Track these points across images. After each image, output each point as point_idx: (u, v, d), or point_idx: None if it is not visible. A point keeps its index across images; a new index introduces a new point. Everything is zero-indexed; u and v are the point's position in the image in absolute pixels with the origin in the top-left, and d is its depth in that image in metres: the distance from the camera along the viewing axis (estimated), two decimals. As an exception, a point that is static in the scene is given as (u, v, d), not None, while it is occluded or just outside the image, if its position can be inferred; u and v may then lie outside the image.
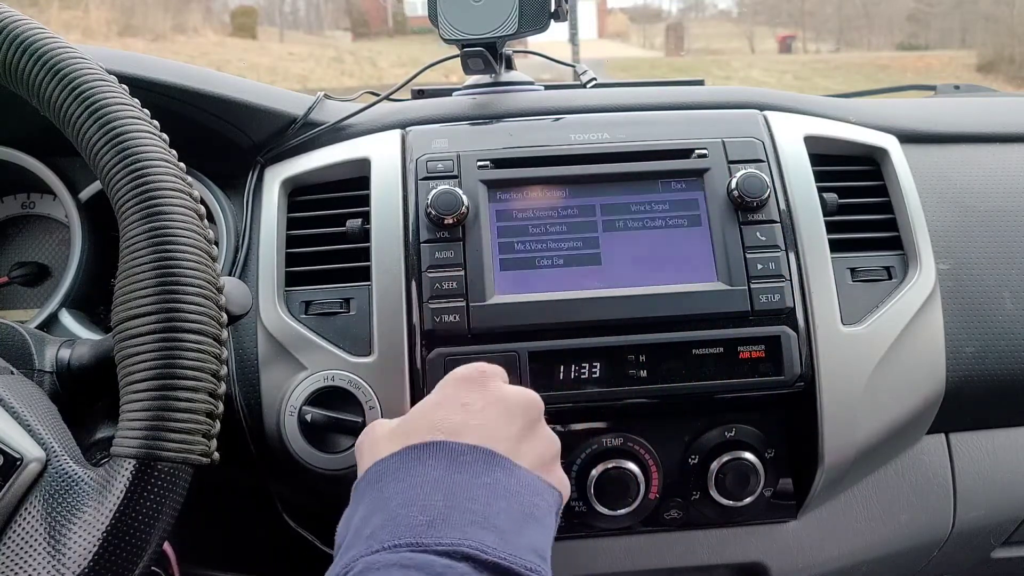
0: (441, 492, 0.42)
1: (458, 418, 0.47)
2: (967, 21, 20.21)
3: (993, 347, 0.70)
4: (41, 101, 0.45)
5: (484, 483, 0.43)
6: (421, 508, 0.41)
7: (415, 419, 0.49)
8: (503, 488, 0.44)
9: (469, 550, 0.39)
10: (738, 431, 0.66)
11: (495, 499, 0.43)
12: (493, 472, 0.44)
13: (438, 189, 0.64)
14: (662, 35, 27.43)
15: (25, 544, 0.39)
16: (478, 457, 0.45)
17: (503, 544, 0.40)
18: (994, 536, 0.75)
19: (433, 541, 0.39)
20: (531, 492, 0.45)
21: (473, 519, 0.41)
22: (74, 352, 0.50)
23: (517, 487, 0.44)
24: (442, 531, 0.40)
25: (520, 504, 0.44)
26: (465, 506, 0.42)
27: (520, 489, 0.44)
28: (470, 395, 0.49)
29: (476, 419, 0.47)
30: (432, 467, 0.44)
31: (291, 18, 28.95)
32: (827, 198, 0.69)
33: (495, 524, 0.41)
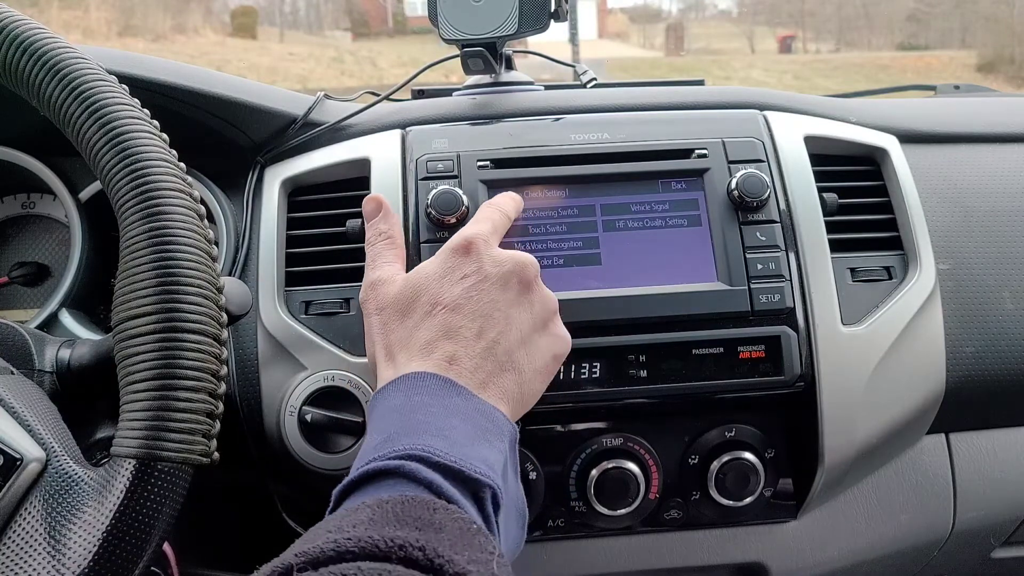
0: (398, 414, 0.45)
1: (456, 290, 0.51)
2: (967, 21, 20.21)
3: (993, 347, 0.70)
4: (41, 101, 0.45)
5: (441, 403, 0.46)
6: (380, 430, 0.45)
7: (417, 289, 0.52)
8: (458, 409, 0.46)
9: (421, 452, 0.42)
10: (738, 431, 0.66)
11: (448, 416, 0.45)
12: (451, 397, 0.47)
13: (438, 189, 0.64)
14: (662, 35, 27.43)
15: (25, 544, 0.39)
16: (439, 384, 0.47)
17: (453, 449, 0.43)
18: (994, 536, 0.75)
19: (389, 451, 0.42)
20: (486, 417, 0.47)
21: (426, 429, 0.44)
22: (74, 352, 0.50)
23: (472, 412, 0.47)
24: (397, 442, 0.43)
25: (473, 425, 0.46)
26: (419, 419, 0.45)
27: (474, 414, 0.47)
28: (467, 266, 0.52)
29: (473, 291, 0.51)
30: (393, 396, 0.47)
31: (291, 18, 28.96)
32: (827, 198, 0.69)
33: (446, 435, 0.44)
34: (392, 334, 0.52)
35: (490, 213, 0.59)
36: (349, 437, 0.62)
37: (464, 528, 0.38)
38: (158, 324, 0.41)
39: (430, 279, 0.52)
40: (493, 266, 0.52)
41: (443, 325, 0.50)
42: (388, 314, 0.52)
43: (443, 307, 0.51)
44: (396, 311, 0.52)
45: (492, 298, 0.51)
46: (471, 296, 0.51)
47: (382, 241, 0.58)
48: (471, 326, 0.50)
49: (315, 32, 27.23)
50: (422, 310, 0.51)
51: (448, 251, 0.54)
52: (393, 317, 0.52)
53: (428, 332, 0.50)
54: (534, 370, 0.52)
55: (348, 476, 0.43)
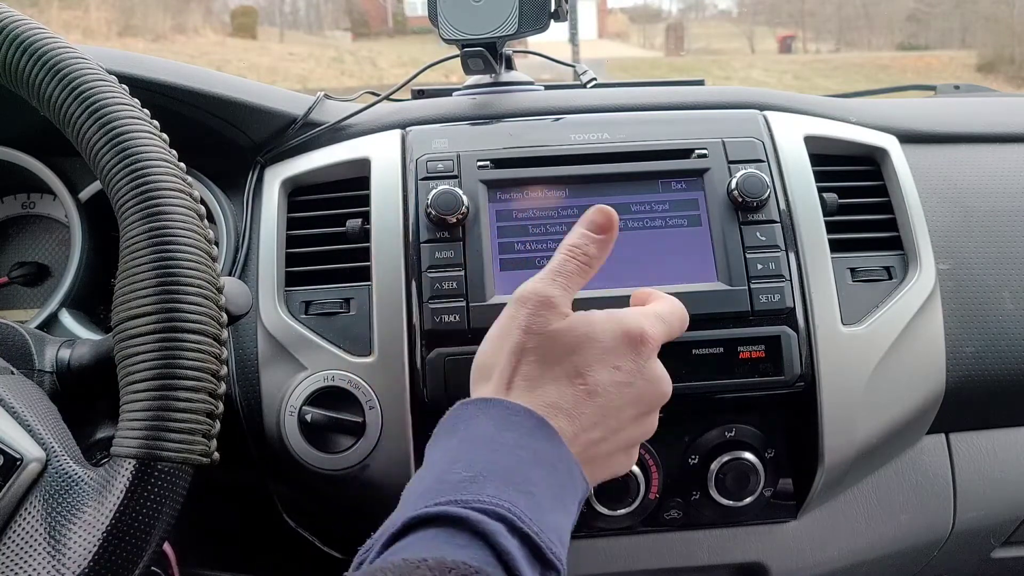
0: (487, 448, 0.43)
1: (603, 377, 0.48)
2: (967, 21, 20.21)
3: (993, 347, 0.70)
4: (41, 101, 0.45)
5: (531, 447, 0.44)
6: (463, 460, 0.42)
7: (578, 346, 0.48)
8: (544, 459, 0.44)
9: (505, 512, 0.39)
10: (738, 431, 0.66)
11: (535, 466, 0.43)
12: (539, 441, 0.44)
13: (438, 189, 0.64)
14: (662, 35, 27.42)
15: (25, 544, 0.39)
16: (529, 421, 0.45)
17: (536, 514, 0.41)
18: (994, 536, 0.75)
19: (473, 497, 0.40)
20: (568, 473, 0.45)
21: (511, 479, 0.41)
22: (74, 352, 0.50)
23: (557, 463, 0.45)
24: (483, 486, 0.40)
25: (556, 479, 0.44)
26: (506, 464, 0.42)
27: (559, 465, 0.45)
28: (625, 360, 0.49)
29: (614, 389, 0.48)
30: (483, 423, 0.45)
31: (291, 18, 28.95)
32: (827, 198, 0.69)
33: (531, 491, 0.42)
34: (525, 365, 0.48)
35: (672, 319, 0.53)
36: (349, 437, 0.62)
37: None
38: (158, 324, 0.41)
39: (593, 346, 0.48)
40: (645, 380, 0.49)
41: (572, 399, 0.47)
42: (538, 343, 0.48)
43: (584, 384, 0.47)
44: (546, 350, 0.48)
45: (623, 404, 0.48)
46: (611, 392, 0.48)
47: (580, 260, 0.52)
48: (592, 416, 0.47)
49: (315, 32, 27.23)
50: (567, 370, 0.48)
51: (622, 334, 0.49)
52: (538, 351, 0.48)
53: (556, 394, 0.47)
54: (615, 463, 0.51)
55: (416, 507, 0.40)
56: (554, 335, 0.48)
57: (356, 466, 0.62)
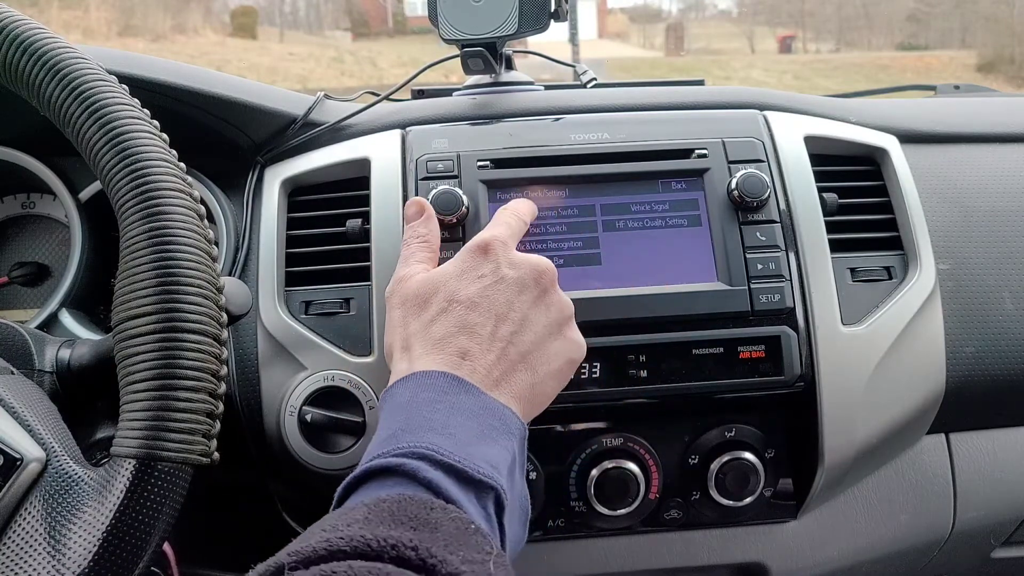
0: (404, 411, 0.46)
1: (473, 288, 0.52)
2: (967, 21, 20.20)
3: (993, 347, 0.70)
4: (41, 101, 0.45)
5: (447, 401, 0.46)
6: (385, 427, 0.46)
7: (435, 285, 0.53)
8: (465, 407, 0.46)
9: (424, 450, 0.42)
10: (738, 431, 0.66)
11: (454, 414, 0.45)
12: (459, 395, 0.47)
13: (438, 189, 0.64)
14: (662, 35, 27.42)
15: (25, 544, 0.39)
16: (448, 382, 0.48)
17: (457, 448, 0.43)
18: (994, 536, 0.75)
19: (392, 448, 0.42)
20: (494, 415, 0.47)
21: (431, 427, 0.44)
22: (74, 352, 0.50)
23: (480, 410, 0.47)
24: (401, 439, 0.43)
25: (480, 423, 0.46)
26: (424, 416, 0.45)
27: (482, 412, 0.47)
28: (484, 266, 0.53)
29: (490, 291, 0.52)
30: (401, 393, 0.48)
31: (291, 18, 28.95)
32: (827, 198, 0.69)
33: (451, 432, 0.44)
34: (409, 327, 0.52)
35: (507, 217, 0.59)
36: (349, 437, 0.62)
37: (461, 528, 0.38)
38: (158, 324, 0.41)
39: (448, 276, 0.53)
40: (510, 268, 0.53)
41: (458, 321, 0.50)
42: (408, 307, 0.53)
43: (459, 304, 0.51)
44: (415, 305, 0.53)
45: (508, 298, 0.52)
46: (487, 295, 0.51)
47: (417, 242, 0.59)
48: (486, 324, 0.50)
49: (315, 32, 27.22)
50: (438, 305, 0.52)
51: (466, 251, 0.54)
52: (412, 311, 0.53)
53: (443, 327, 0.51)
54: (548, 372, 0.52)
55: (352, 473, 0.43)
56: (416, 290, 0.53)
57: (356, 466, 0.62)
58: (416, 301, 0.53)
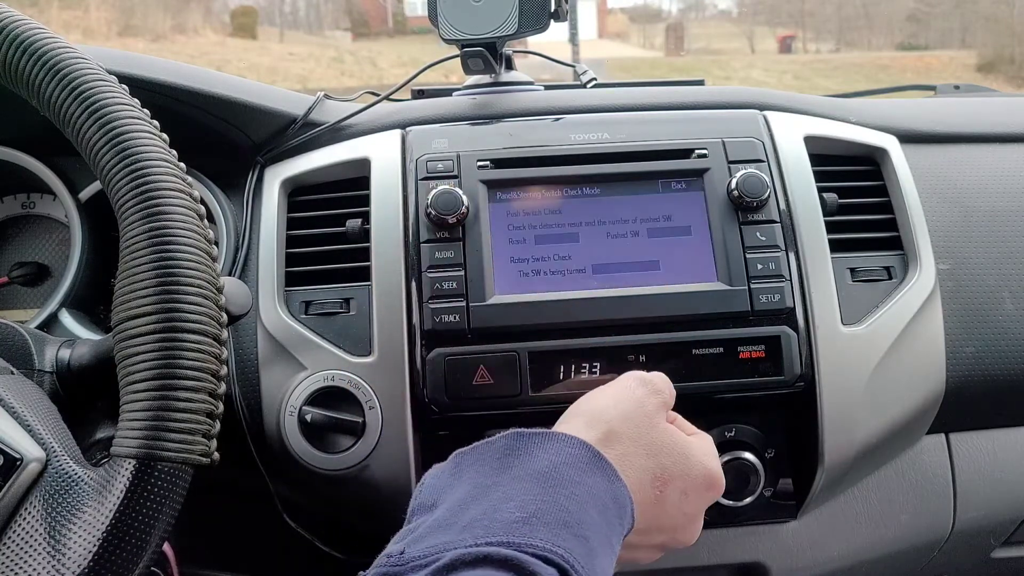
0: (540, 485, 0.43)
1: (674, 496, 0.51)
2: (967, 21, 20.21)
3: (993, 347, 0.70)
4: (41, 101, 0.45)
5: (584, 483, 0.44)
6: (520, 504, 0.42)
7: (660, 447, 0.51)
8: (599, 496, 0.45)
9: (560, 560, 0.39)
10: (738, 431, 0.66)
11: (590, 505, 0.44)
12: (594, 476, 0.46)
13: (438, 189, 0.64)
14: (662, 35, 27.42)
15: (25, 544, 0.39)
16: (584, 454, 0.46)
17: (588, 562, 0.41)
18: (994, 536, 0.75)
19: (525, 540, 0.40)
20: (620, 510, 0.46)
21: (566, 522, 0.42)
22: (74, 352, 0.50)
23: (610, 501, 0.45)
24: (536, 528, 0.41)
25: (608, 518, 0.45)
26: (562, 504, 0.43)
27: (612, 503, 0.45)
28: (696, 496, 0.52)
29: (674, 511, 0.51)
30: (539, 457, 0.45)
31: (291, 18, 28.95)
32: (827, 198, 0.69)
33: (585, 535, 0.42)
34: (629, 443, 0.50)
35: None
36: (349, 437, 0.62)
37: None
38: (158, 324, 0.41)
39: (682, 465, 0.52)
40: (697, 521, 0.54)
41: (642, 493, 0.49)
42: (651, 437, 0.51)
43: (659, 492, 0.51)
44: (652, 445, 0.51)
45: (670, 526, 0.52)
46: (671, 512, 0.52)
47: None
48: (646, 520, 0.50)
49: (315, 32, 27.23)
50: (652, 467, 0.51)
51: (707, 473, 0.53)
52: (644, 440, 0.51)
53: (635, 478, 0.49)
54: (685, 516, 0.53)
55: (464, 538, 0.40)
56: (664, 432, 0.52)
57: (356, 466, 0.62)
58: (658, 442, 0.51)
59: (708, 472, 0.53)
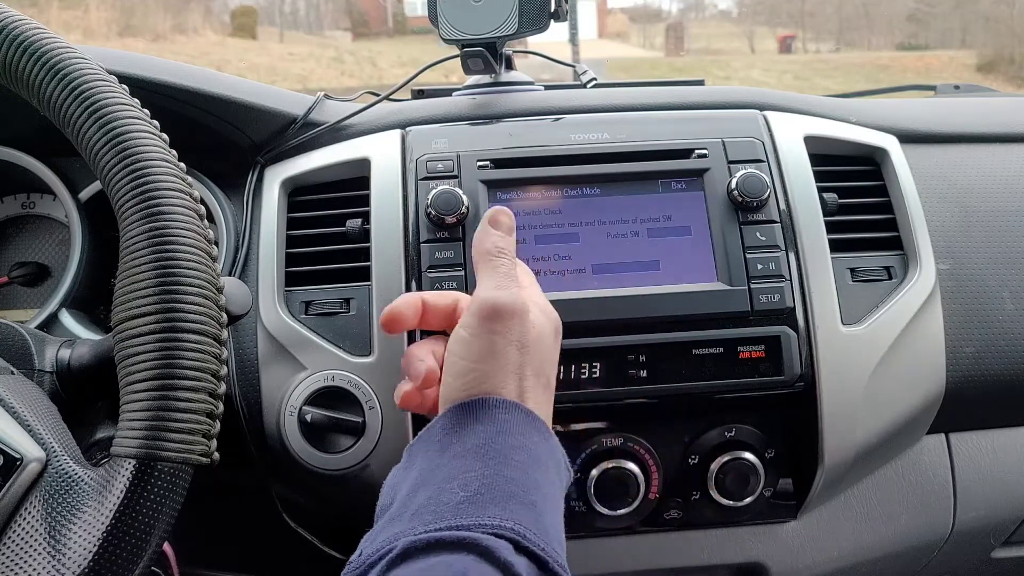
0: (482, 461, 0.43)
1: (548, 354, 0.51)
2: (967, 21, 20.20)
3: (993, 347, 0.70)
4: (41, 101, 0.45)
5: (524, 448, 0.44)
6: (459, 478, 0.42)
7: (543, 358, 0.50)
8: (540, 457, 0.45)
9: (510, 533, 0.39)
10: (738, 431, 0.66)
11: (534, 468, 0.44)
12: (531, 435, 0.45)
13: (438, 189, 0.64)
14: (662, 35, 27.42)
15: (25, 544, 0.39)
16: (519, 417, 0.46)
17: (539, 527, 0.41)
18: (994, 536, 0.75)
19: (473, 521, 0.40)
20: (558, 466, 0.46)
21: (513, 494, 0.42)
22: (74, 352, 0.50)
23: (549, 458, 0.46)
24: (482, 507, 0.41)
25: (550, 477, 0.45)
26: (507, 475, 0.43)
27: (551, 460, 0.46)
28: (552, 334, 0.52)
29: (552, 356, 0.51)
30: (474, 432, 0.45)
31: (291, 18, 28.95)
32: (827, 198, 0.69)
33: (532, 500, 0.42)
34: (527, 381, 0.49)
35: None
36: (349, 437, 0.62)
37: None
38: (158, 324, 0.41)
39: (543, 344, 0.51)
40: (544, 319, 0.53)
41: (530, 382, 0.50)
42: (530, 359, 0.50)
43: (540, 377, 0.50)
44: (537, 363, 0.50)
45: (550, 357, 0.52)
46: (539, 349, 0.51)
47: (508, 259, 0.53)
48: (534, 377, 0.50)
49: (315, 32, 27.22)
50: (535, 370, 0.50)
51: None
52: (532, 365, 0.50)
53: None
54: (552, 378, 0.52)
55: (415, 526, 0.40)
56: (535, 344, 0.50)
57: (356, 466, 0.62)
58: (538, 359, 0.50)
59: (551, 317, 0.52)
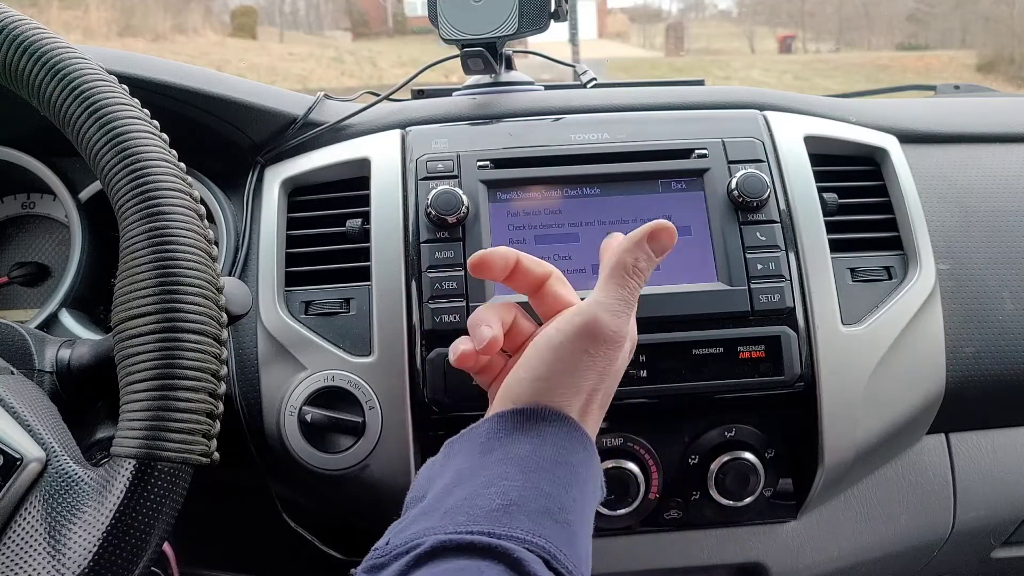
0: (522, 471, 0.43)
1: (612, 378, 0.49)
2: (967, 21, 20.21)
3: (993, 347, 0.70)
4: (41, 101, 0.45)
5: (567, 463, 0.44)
6: (497, 484, 0.42)
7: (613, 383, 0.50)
8: (579, 475, 0.44)
9: (540, 551, 0.39)
10: (738, 431, 0.66)
11: (572, 486, 0.43)
12: (577, 452, 0.45)
13: (438, 189, 0.64)
14: (662, 35, 27.43)
15: (25, 544, 0.39)
16: (565, 430, 0.45)
17: (571, 548, 0.41)
18: (994, 536, 0.75)
19: (505, 531, 0.39)
20: (595, 485, 0.46)
21: (548, 510, 0.41)
22: (74, 352, 0.50)
23: (589, 478, 0.45)
24: (516, 518, 0.40)
25: (586, 496, 0.45)
26: (544, 490, 0.42)
27: (590, 479, 0.46)
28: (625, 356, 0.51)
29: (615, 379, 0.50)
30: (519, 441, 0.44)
31: (291, 18, 28.95)
32: (827, 198, 0.69)
33: (567, 519, 0.42)
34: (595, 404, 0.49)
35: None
36: (349, 437, 0.62)
37: None
38: (158, 324, 0.41)
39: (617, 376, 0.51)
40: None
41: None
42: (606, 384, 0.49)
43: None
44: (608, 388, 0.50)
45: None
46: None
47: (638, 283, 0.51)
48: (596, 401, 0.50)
49: (315, 32, 27.23)
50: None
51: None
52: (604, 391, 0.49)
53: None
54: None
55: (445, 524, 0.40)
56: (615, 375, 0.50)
57: (356, 466, 0.62)
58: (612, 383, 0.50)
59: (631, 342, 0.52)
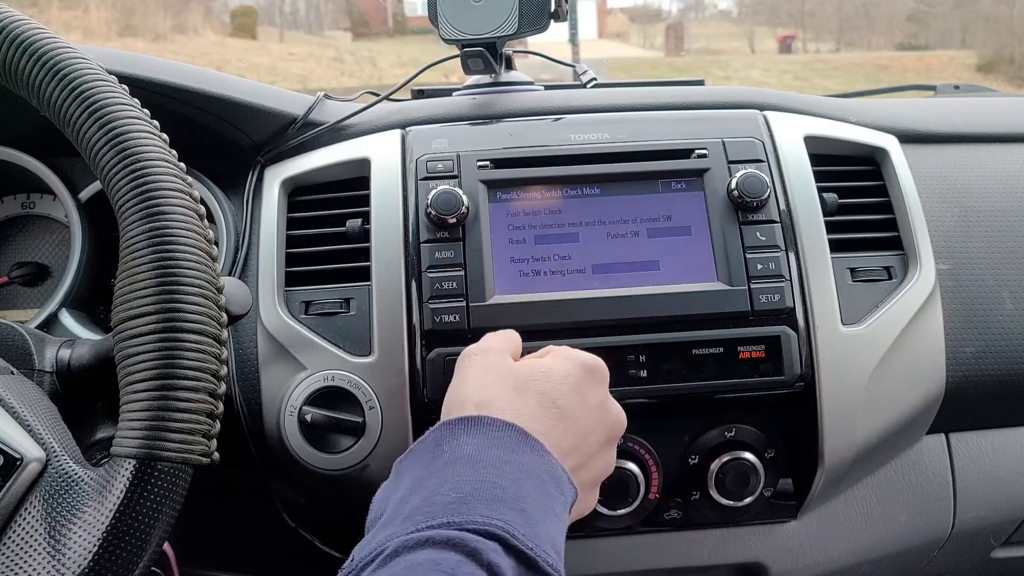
0: (471, 468, 0.44)
1: (572, 401, 0.50)
2: (967, 21, 20.21)
3: (993, 347, 0.70)
4: (41, 101, 0.45)
5: (514, 462, 0.45)
6: (450, 482, 0.43)
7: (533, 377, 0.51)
8: (531, 471, 0.45)
9: (499, 531, 0.40)
10: (738, 431, 0.66)
11: (523, 480, 0.44)
12: (524, 454, 0.45)
13: (438, 189, 0.64)
14: (662, 35, 27.43)
15: (25, 544, 0.39)
16: (512, 435, 0.46)
17: (529, 530, 0.41)
18: (994, 536, 0.75)
19: (464, 519, 0.40)
20: (555, 481, 0.46)
21: (501, 497, 0.42)
22: (74, 352, 0.50)
23: (543, 473, 0.45)
24: (473, 508, 0.41)
25: (545, 489, 0.45)
26: (493, 481, 0.43)
27: (546, 475, 0.46)
28: (589, 388, 0.52)
29: (583, 412, 0.51)
30: (466, 443, 0.45)
31: (291, 18, 28.95)
32: (827, 198, 0.69)
33: (522, 507, 0.42)
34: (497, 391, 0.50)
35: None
36: (349, 437, 0.62)
37: None
38: (158, 324, 0.41)
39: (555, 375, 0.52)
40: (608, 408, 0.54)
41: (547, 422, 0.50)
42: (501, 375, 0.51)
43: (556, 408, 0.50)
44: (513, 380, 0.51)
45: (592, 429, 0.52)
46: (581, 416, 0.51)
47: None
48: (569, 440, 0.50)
49: (315, 32, 27.23)
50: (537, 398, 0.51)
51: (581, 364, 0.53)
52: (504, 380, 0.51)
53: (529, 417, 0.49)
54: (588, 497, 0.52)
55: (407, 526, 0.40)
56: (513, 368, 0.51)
57: (356, 466, 0.62)
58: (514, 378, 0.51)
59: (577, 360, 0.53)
